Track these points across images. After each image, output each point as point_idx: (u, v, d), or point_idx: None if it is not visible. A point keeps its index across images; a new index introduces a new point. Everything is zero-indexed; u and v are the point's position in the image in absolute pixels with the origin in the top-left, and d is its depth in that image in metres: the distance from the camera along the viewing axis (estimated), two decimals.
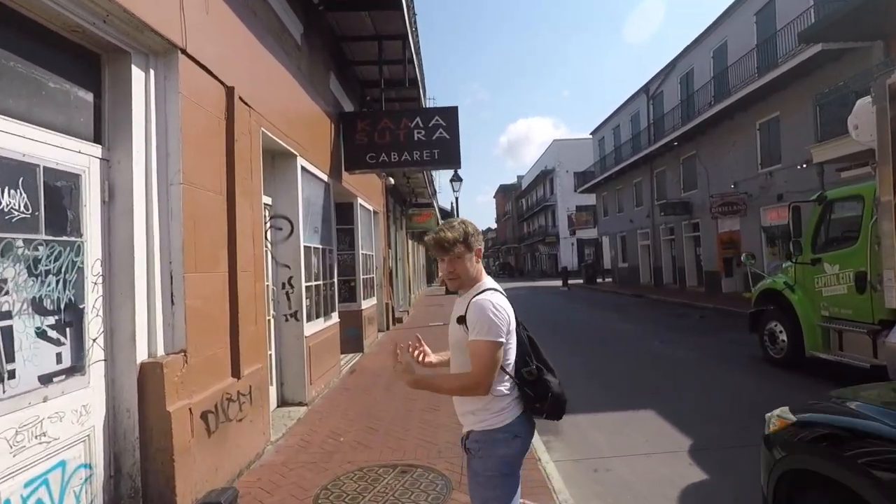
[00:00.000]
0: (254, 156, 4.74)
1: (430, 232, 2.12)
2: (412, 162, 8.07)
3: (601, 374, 7.60)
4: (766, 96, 15.83)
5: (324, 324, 6.95)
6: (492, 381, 1.89)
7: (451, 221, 2.12)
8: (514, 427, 1.97)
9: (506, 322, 1.91)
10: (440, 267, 2.10)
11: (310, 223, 6.65)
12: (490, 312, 1.88)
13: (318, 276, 6.94)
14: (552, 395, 1.99)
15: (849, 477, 1.93)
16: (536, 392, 1.98)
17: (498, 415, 1.97)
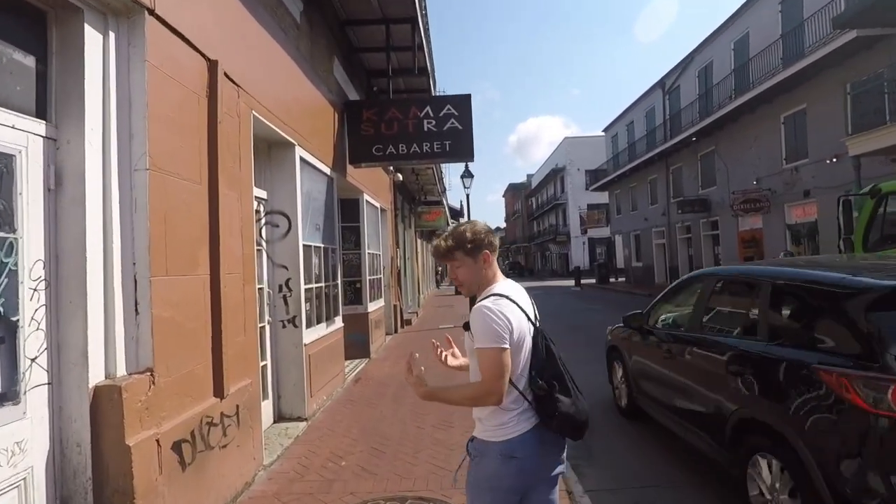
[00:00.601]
0: (243, 142, 4.17)
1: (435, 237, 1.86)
2: (422, 154, 7.49)
3: None
4: (791, 88, 15.10)
5: (326, 329, 6.39)
6: (502, 388, 1.78)
7: (456, 226, 2.08)
8: (511, 446, 1.84)
9: (506, 327, 1.80)
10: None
11: (310, 220, 6.09)
12: (487, 318, 1.81)
13: (320, 277, 6.37)
14: (559, 413, 1.83)
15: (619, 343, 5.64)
16: (543, 409, 1.85)
17: (496, 429, 1.87)
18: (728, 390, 3.39)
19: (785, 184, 15.93)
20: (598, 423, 5.23)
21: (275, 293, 5.38)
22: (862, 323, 2.62)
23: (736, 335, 3.66)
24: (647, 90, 27.13)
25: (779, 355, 3.02)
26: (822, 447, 2.62)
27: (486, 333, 1.80)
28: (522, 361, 1.87)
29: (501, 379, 1.79)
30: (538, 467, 1.88)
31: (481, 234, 1.98)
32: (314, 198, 6.29)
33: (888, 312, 2.61)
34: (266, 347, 5.20)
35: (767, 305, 3.33)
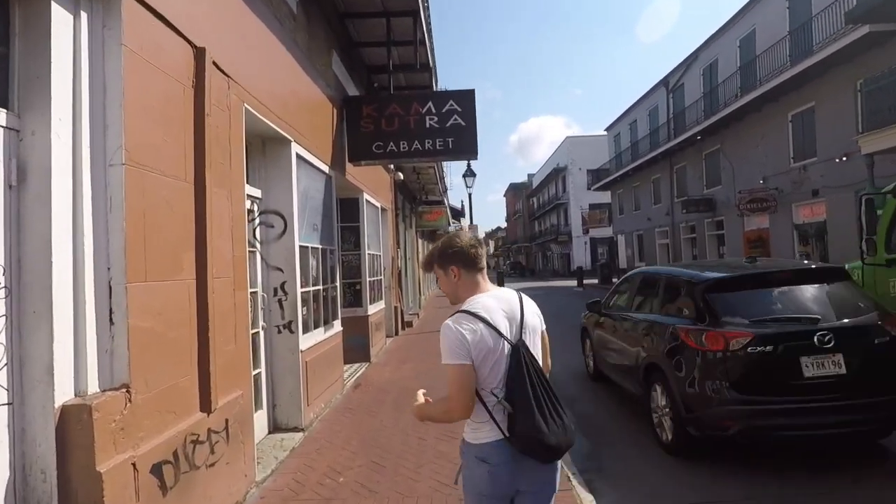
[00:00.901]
0: (234, 136, 3.91)
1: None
2: (424, 152, 7.22)
3: None
4: (800, 86, 14.82)
5: (324, 334, 6.12)
6: (462, 404, 1.82)
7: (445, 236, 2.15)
8: (483, 450, 1.87)
9: (462, 345, 1.80)
10: None
11: (307, 220, 5.83)
12: (446, 336, 1.84)
13: (318, 279, 6.11)
14: (516, 433, 1.82)
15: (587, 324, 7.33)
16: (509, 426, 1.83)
17: (472, 431, 1.91)
18: (641, 347, 5.21)
19: (793, 183, 15.65)
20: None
21: (269, 297, 5.11)
22: (698, 299, 4.53)
23: (646, 311, 5.55)
24: (650, 88, 26.85)
25: (663, 322, 4.93)
26: (677, 372, 4.43)
27: (445, 350, 1.84)
28: (488, 379, 1.84)
29: (460, 395, 1.81)
30: (513, 477, 1.86)
31: (451, 248, 2.00)
32: (311, 197, 6.02)
33: (711, 294, 4.50)
34: (260, 354, 4.94)
35: (660, 292, 5.37)
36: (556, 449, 1.82)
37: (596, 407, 6.15)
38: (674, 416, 4.43)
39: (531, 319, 1.96)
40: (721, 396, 4.02)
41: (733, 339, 4.04)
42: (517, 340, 1.87)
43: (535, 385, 1.83)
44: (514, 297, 1.99)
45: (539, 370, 1.88)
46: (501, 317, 1.88)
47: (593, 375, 7.19)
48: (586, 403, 6.31)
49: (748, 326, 4.12)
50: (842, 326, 4.10)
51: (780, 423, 3.93)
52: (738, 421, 3.98)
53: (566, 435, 1.84)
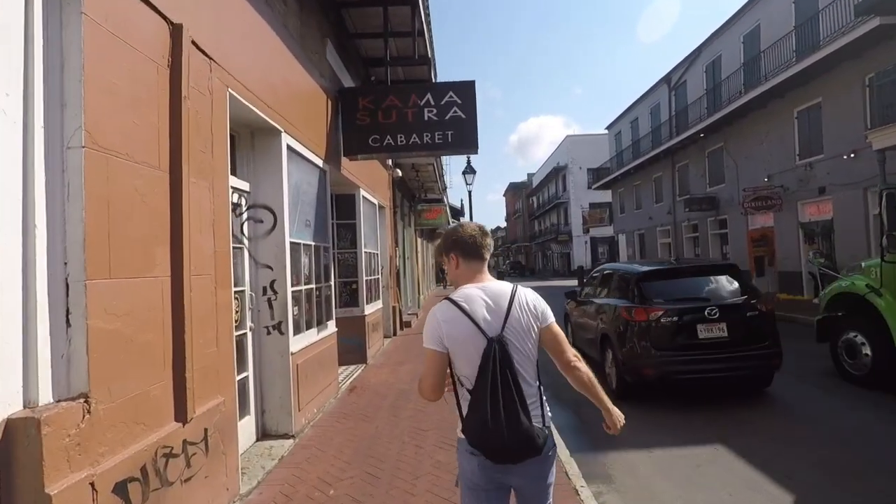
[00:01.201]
0: (216, 124, 3.63)
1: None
2: (422, 145, 6.93)
3: (643, 394, 6.43)
4: (806, 82, 14.54)
5: (317, 335, 5.84)
6: (428, 385, 1.88)
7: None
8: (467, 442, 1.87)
9: (435, 332, 1.86)
10: None
11: (300, 215, 5.55)
12: (427, 320, 1.92)
13: (310, 278, 5.83)
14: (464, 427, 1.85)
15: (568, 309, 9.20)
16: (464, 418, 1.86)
17: (460, 423, 1.91)
18: (598, 322, 6.78)
19: (798, 181, 15.37)
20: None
21: (258, 296, 4.83)
22: (633, 287, 6.20)
23: (603, 297, 7.20)
24: (651, 86, 26.56)
25: (612, 303, 6.57)
26: (618, 338, 6.06)
27: (424, 334, 1.91)
28: (461, 368, 1.87)
29: (429, 377, 1.88)
30: (500, 470, 1.85)
31: (451, 237, 2.04)
32: (304, 191, 5.74)
33: (642, 283, 6.19)
34: (248, 357, 4.66)
35: (613, 282, 7.01)
36: (501, 451, 1.77)
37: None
38: (616, 369, 6.18)
39: (521, 315, 1.88)
40: (645, 352, 5.79)
41: (652, 312, 5.90)
42: (496, 335, 1.82)
43: (498, 383, 1.77)
44: (506, 291, 1.92)
45: (509, 368, 1.79)
46: (482, 309, 1.86)
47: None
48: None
49: (663, 304, 5.94)
50: (724, 304, 5.90)
51: (684, 369, 5.72)
52: (657, 369, 5.76)
53: (518, 439, 1.75)
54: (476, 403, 1.79)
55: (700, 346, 5.69)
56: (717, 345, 5.69)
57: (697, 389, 6.24)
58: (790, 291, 15.86)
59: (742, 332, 5.77)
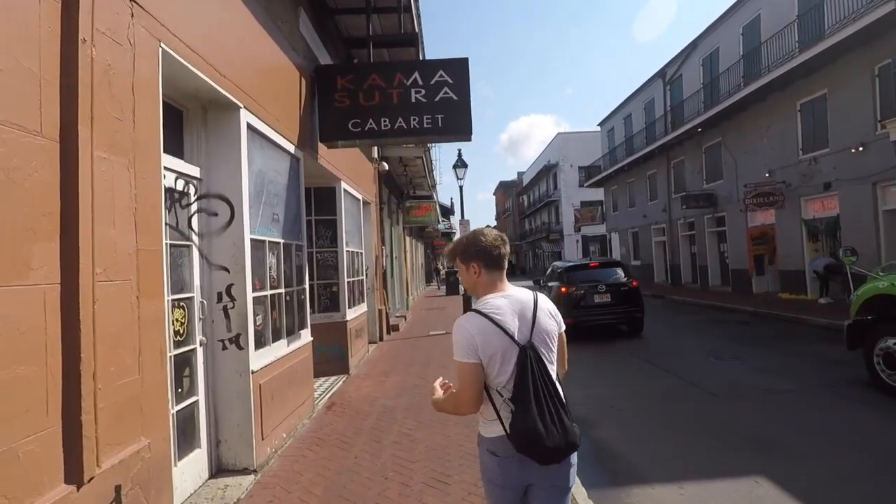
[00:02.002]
0: (142, 84, 2.82)
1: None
2: (409, 130, 6.16)
3: (661, 411, 5.71)
4: (810, 73, 13.95)
5: (287, 348, 5.04)
6: (468, 399, 1.88)
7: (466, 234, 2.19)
8: (494, 443, 1.92)
9: (469, 344, 1.85)
10: None
11: (265, 208, 4.74)
12: (456, 333, 1.91)
13: (279, 281, 5.02)
14: (512, 432, 1.84)
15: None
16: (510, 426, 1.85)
17: (483, 425, 1.98)
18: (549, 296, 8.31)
19: (802, 176, 14.78)
20: None
21: (212, 304, 4.03)
22: (563, 275, 11.23)
23: (553, 282, 11.59)
24: (646, 81, 25.94)
25: (553, 285, 11.40)
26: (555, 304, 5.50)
27: (455, 348, 1.89)
28: (496, 378, 1.88)
29: (467, 391, 1.87)
30: (522, 468, 1.88)
31: (475, 245, 2.01)
32: (271, 181, 4.94)
33: (567, 273, 11.22)
34: (198, 378, 3.86)
35: (556, 273, 11.91)
36: (552, 452, 1.81)
37: None
38: None
39: (545, 322, 1.95)
40: (567, 311, 7.72)
41: (570, 289, 10.46)
42: (526, 342, 1.88)
43: (539, 388, 1.84)
44: (529, 299, 1.97)
45: (546, 373, 1.87)
46: (512, 318, 1.90)
47: None
48: None
49: (577, 284, 10.41)
50: (609, 283, 10.48)
51: (586, 319, 10.23)
52: (574, 319, 9.68)
53: (566, 440, 1.83)
54: (522, 410, 1.81)
55: (596, 307, 10.43)
56: (605, 305, 10.50)
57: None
58: (793, 291, 15.29)
59: (618, 299, 10.54)
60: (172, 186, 3.63)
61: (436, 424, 5.08)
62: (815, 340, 9.34)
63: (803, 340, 9.44)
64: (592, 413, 5.72)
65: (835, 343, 8.93)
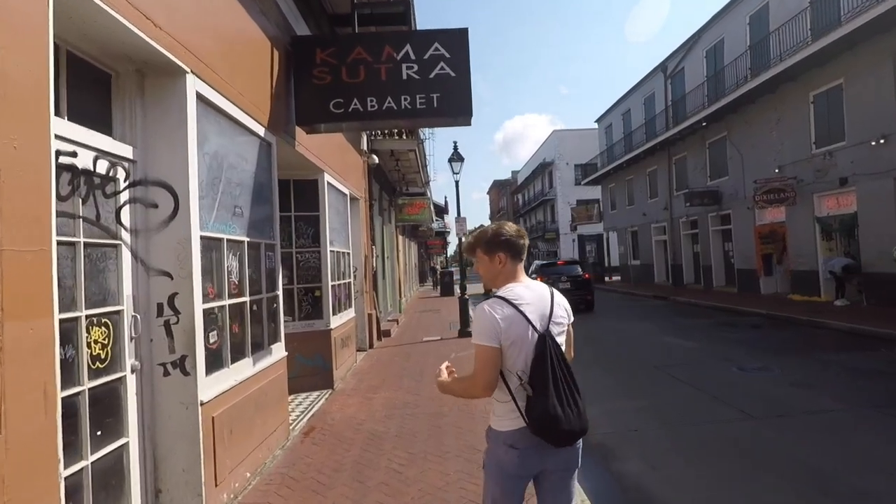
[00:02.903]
0: (12, 17, 1.99)
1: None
2: (399, 112, 5.33)
3: (693, 435, 4.92)
4: (824, 62, 13.24)
5: (252, 368, 4.21)
6: (485, 382, 1.93)
7: (488, 225, 2.28)
8: (512, 436, 1.95)
9: (493, 328, 1.90)
10: None
11: (224, 199, 3.91)
12: (479, 317, 1.95)
13: (243, 288, 4.19)
14: (534, 416, 1.88)
15: None
16: (528, 410, 1.91)
17: (498, 419, 2.00)
18: None
19: (816, 171, 14.07)
20: None
21: (149, 319, 3.19)
22: (536, 271, 16.54)
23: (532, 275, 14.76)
24: (646, 75, 25.23)
25: (535, 278, 7.44)
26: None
27: (476, 331, 1.94)
28: (515, 362, 1.92)
29: (484, 374, 1.91)
30: (541, 458, 1.95)
31: (501, 236, 2.07)
32: (233, 167, 4.10)
33: (540, 269, 16.68)
34: (128, 414, 3.02)
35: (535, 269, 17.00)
36: (569, 434, 1.89)
37: None
38: None
39: (559, 313, 2.03)
40: None
41: (542, 279, 12.52)
42: (544, 330, 1.94)
43: (556, 373, 1.90)
44: (546, 291, 2.06)
45: (562, 359, 1.96)
46: (532, 307, 1.97)
47: None
48: None
49: (546, 277, 14.69)
50: (569, 275, 16.03)
51: None
52: None
53: (580, 423, 1.92)
54: (541, 394, 1.87)
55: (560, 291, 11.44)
56: (566, 290, 10.68)
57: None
58: (805, 292, 14.57)
59: (575, 286, 15.16)
60: (90, 168, 2.79)
61: (431, 458, 4.26)
62: (842, 347, 8.60)
63: (828, 347, 8.70)
64: (611, 438, 4.92)
65: (864, 350, 8.21)
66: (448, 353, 8.83)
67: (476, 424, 5.02)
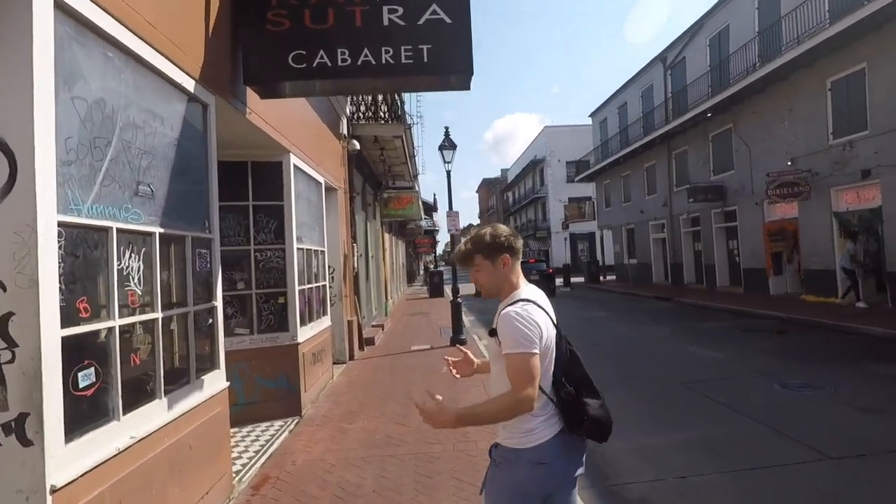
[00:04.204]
0: None
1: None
2: (380, 68, 4.12)
3: (763, 485, 3.76)
4: (844, 45, 12.23)
5: (165, 415, 2.96)
6: (534, 393, 1.76)
7: (477, 229, 2.13)
8: (540, 452, 1.82)
9: (536, 333, 1.79)
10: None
11: (116, 171, 2.67)
12: (518, 323, 1.80)
13: (151, 300, 2.95)
14: (588, 418, 1.84)
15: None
16: (572, 415, 1.84)
17: (525, 435, 1.84)
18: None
19: (833, 163, 13.06)
20: None
21: None
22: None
23: None
24: (644, 66, 24.19)
25: None
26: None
27: (517, 339, 1.78)
28: (549, 363, 1.86)
29: (533, 384, 1.77)
30: (564, 471, 1.88)
31: (501, 237, 1.97)
32: (135, 125, 2.86)
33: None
34: None
35: None
36: (610, 429, 1.92)
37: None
38: None
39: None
40: None
41: None
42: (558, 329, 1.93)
43: (584, 369, 1.91)
44: (542, 291, 2.02)
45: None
46: (549, 305, 1.95)
47: None
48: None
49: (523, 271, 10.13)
50: (538, 270, 21.45)
51: None
52: None
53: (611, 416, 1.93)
54: (586, 393, 1.86)
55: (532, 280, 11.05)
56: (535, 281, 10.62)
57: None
58: (820, 293, 13.56)
59: (543, 277, 20.43)
60: None
61: None
62: (886, 357, 7.55)
63: (870, 357, 7.64)
64: (656, 490, 3.77)
65: None
66: (439, 364, 7.63)
67: (480, 472, 3.83)
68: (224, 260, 5.51)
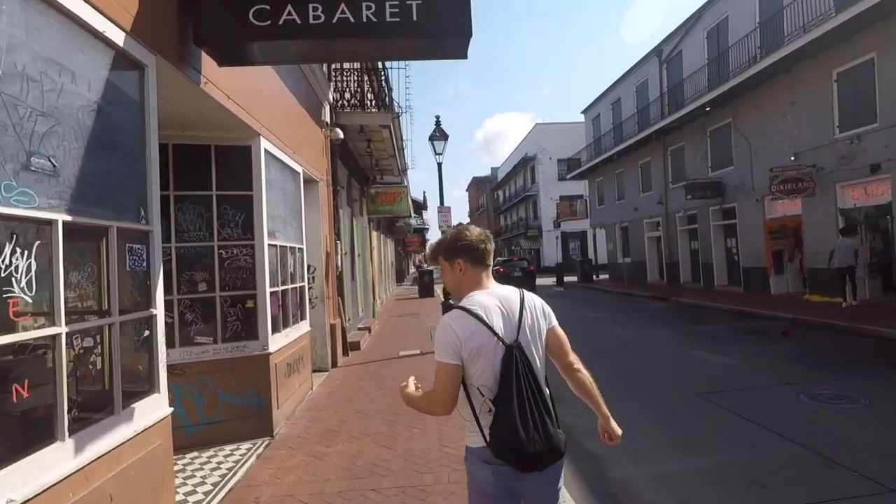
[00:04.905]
0: None
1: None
2: (360, 26, 3.43)
3: None
4: (852, 34, 11.72)
5: (69, 463, 2.24)
6: (445, 399, 1.79)
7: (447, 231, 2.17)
8: (484, 452, 1.81)
9: (453, 343, 1.78)
10: None
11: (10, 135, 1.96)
12: (440, 332, 1.83)
13: (50, 310, 2.24)
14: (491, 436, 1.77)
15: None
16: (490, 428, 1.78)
17: (470, 435, 1.87)
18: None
19: (840, 158, 12.55)
20: None
21: None
22: (501, 265, 24.39)
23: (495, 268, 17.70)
24: (638, 61, 23.66)
25: (496, 268, 21.98)
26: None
27: (437, 347, 1.81)
28: (480, 377, 1.79)
29: (445, 391, 1.79)
30: (515, 475, 1.78)
31: (459, 241, 1.95)
32: (28, 76, 2.15)
33: (503, 263, 25.23)
34: None
35: (499, 263, 24.33)
36: (534, 458, 1.75)
37: None
38: None
39: (532, 320, 1.89)
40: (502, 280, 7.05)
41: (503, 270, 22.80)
42: (512, 341, 1.82)
43: (523, 389, 1.77)
44: (515, 296, 1.91)
45: (532, 374, 1.80)
46: (498, 316, 1.84)
47: None
48: None
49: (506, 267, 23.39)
50: (520, 268, 24.37)
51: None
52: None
53: (549, 446, 1.75)
54: (503, 413, 1.75)
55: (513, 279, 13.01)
56: (518, 278, 20.82)
57: None
58: (824, 292, 13.05)
59: (524, 274, 23.21)
60: None
61: None
62: None
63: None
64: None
65: None
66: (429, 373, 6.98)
67: None
68: (182, 258, 4.81)
